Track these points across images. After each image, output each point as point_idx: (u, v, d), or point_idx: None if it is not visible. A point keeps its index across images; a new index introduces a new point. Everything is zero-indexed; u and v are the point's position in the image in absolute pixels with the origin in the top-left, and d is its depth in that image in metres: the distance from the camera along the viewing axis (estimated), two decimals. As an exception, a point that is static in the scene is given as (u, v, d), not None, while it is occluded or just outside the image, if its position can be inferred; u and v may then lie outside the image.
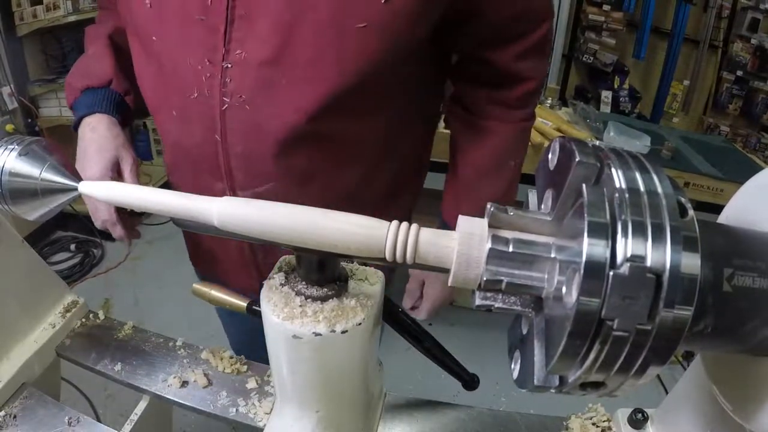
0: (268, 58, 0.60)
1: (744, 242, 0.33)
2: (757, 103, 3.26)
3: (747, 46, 3.15)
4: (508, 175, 0.80)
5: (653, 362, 0.25)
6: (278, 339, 0.43)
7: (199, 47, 0.61)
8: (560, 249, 0.28)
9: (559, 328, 0.26)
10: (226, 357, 0.71)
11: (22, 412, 0.63)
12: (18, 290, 0.68)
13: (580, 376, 0.26)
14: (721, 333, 0.30)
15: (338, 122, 0.66)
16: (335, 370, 0.46)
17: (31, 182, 0.44)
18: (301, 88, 0.61)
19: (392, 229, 0.34)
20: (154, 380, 0.68)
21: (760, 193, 0.39)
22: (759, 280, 0.30)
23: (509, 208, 0.30)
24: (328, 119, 0.64)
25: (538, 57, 0.74)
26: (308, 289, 0.43)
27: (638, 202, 0.25)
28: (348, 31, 0.58)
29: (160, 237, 2.47)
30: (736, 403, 0.37)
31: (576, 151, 0.27)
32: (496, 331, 2.02)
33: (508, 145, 0.79)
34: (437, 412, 0.67)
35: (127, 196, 0.41)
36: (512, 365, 0.33)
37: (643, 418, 0.59)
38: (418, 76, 0.74)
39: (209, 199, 0.38)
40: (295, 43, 0.59)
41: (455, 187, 0.82)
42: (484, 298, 0.31)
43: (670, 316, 0.24)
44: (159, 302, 2.08)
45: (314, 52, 0.59)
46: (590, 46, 3.18)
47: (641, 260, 0.24)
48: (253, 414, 0.64)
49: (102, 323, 0.76)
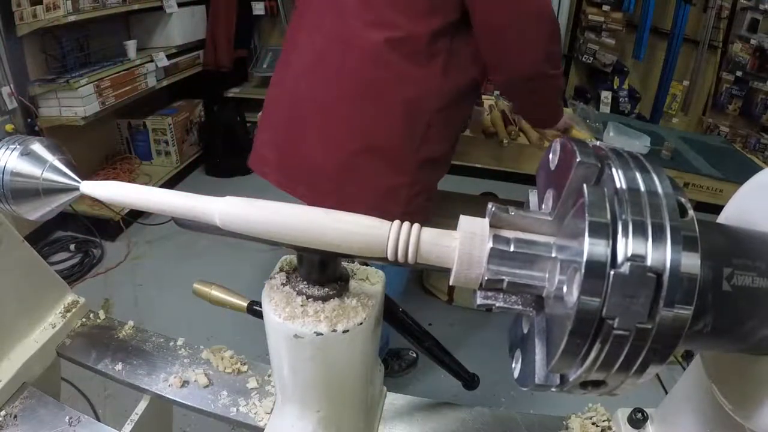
0: None
1: (743, 242, 0.33)
2: (757, 103, 3.26)
3: (746, 47, 3.15)
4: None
5: (653, 361, 0.25)
6: (279, 339, 0.44)
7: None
8: (561, 248, 0.29)
9: (560, 327, 0.26)
10: (227, 357, 0.71)
11: (23, 412, 0.63)
12: (18, 290, 0.68)
13: (580, 375, 0.26)
14: (720, 332, 0.31)
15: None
16: (336, 370, 0.47)
17: (33, 182, 0.44)
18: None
19: (394, 228, 0.34)
20: (154, 380, 0.68)
21: (760, 193, 0.39)
22: (758, 280, 0.30)
23: (510, 208, 0.31)
24: None
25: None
26: (309, 288, 0.43)
27: (638, 202, 0.25)
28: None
29: (160, 237, 2.47)
30: (736, 403, 0.37)
31: (576, 152, 0.28)
32: (496, 331, 2.02)
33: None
34: (437, 411, 0.67)
35: (129, 196, 0.41)
36: (513, 364, 0.33)
37: (642, 417, 0.59)
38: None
39: (211, 199, 0.38)
40: None
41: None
42: (485, 298, 0.31)
43: (670, 315, 0.24)
44: (159, 302, 2.08)
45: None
46: (590, 46, 3.18)
47: (642, 260, 0.24)
48: (254, 414, 0.64)
49: (102, 323, 0.76)
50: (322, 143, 1.12)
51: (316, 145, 1.12)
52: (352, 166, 1.11)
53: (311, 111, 1.12)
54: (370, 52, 1.04)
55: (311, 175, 1.15)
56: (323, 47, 1.10)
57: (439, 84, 1.08)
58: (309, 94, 1.12)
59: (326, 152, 1.12)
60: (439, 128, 1.13)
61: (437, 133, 1.13)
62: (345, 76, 1.08)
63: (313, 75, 1.12)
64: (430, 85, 1.08)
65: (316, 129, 1.12)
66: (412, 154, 1.12)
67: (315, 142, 1.12)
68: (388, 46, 1.03)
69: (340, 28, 1.07)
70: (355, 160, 1.11)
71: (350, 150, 1.10)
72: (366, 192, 1.13)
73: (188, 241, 2.38)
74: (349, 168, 1.11)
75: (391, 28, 1.03)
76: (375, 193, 1.13)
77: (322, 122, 1.11)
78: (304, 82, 1.13)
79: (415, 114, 1.09)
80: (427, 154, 1.14)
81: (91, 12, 2.28)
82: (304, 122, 1.13)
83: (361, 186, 1.13)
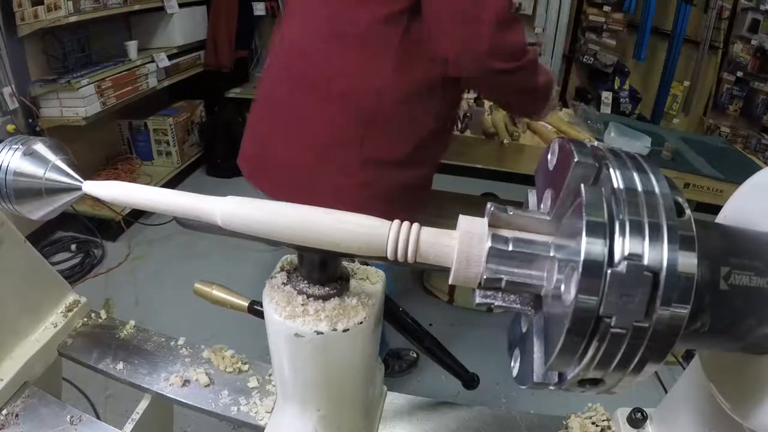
0: None
1: (741, 241, 0.33)
2: (758, 104, 3.26)
3: (747, 47, 3.15)
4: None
5: (651, 359, 0.26)
6: (280, 337, 0.44)
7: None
8: (559, 248, 0.29)
9: (557, 326, 0.26)
10: (228, 356, 0.71)
11: (24, 411, 0.63)
12: (20, 289, 0.68)
13: (578, 373, 0.26)
14: (718, 331, 0.31)
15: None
16: (337, 369, 0.47)
17: (36, 182, 0.44)
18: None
19: (394, 228, 0.34)
20: (155, 379, 0.68)
21: (758, 193, 0.39)
22: (756, 279, 0.31)
23: (509, 207, 0.31)
24: None
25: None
26: (310, 288, 0.44)
27: (636, 202, 0.26)
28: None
29: (161, 237, 2.48)
30: (735, 402, 0.37)
31: (574, 152, 0.28)
32: (496, 331, 2.02)
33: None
34: (438, 411, 0.67)
35: (131, 195, 0.41)
36: (512, 363, 0.33)
37: (642, 417, 0.60)
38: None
39: (213, 198, 0.39)
40: None
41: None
42: (484, 297, 0.31)
43: (666, 314, 0.24)
44: (159, 302, 2.08)
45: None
46: (591, 47, 3.18)
47: (638, 258, 0.24)
48: (255, 413, 0.65)
49: (104, 323, 0.77)
50: (282, 140, 1.12)
51: (277, 141, 1.13)
52: (303, 164, 1.09)
53: (274, 107, 1.13)
54: (317, 48, 1.03)
55: (275, 170, 1.14)
56: (285, 46, 1.11)
57: (390, 79, 1.00)
58: (273, 90, 1.14)
59: (285, 149, 1.11)
60: (392, 127, 1.05)
61: (389, 132, 1.05)
62: (295, 76, 1.08)
63: (276, 72, 1.13)
64: (374, 79, 1.01)
65: (278, 126, 1.12)
66: (355, 153, 1.05)
67: (276, 139, 1.13)
68: (333, 38, 1.00)
69: (301, 26, 1.07)
70: (305, 157, 1.09)
71: (300, 146, 1.09)
72: (318, 191, 1.09)
73: (189, 242, 2.38)
74: (301, 165, 1.09)
75: (339, 21, 1.00)
76: (323, 193, 1.08)
77: (282, 120, 1.11)
78: (271, 78, 1.16)
79: (355, 110, 1.03)
80: (374, 154, 1.06)
81: (92, 12, 2.28)
82: (270, 118, 1.15)
83: (313, 184, 1.09)
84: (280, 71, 1.13)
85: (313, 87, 1.05)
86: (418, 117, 1.07)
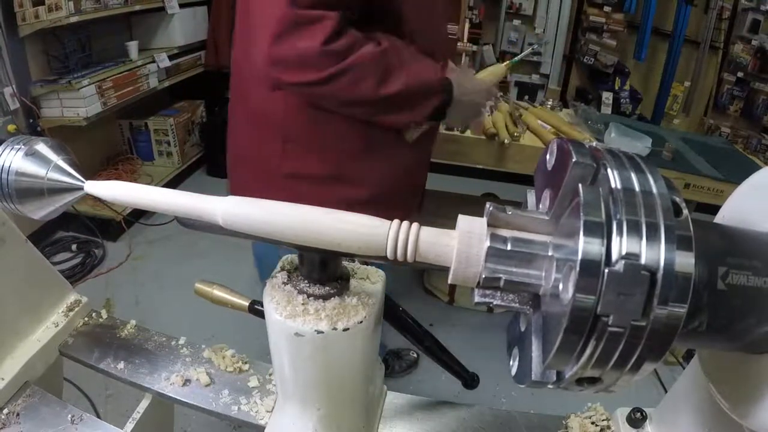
0: None
1: (739, 241, 0.33)
2: (758, 104, 3.26)
3: (748, 48, 3.15)
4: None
5: (648, 358, 0.26)
6: (280, 337, 0.44)
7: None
8: (557, 247, 0.29)
9: (555, 324, 0.26)
10: (228, 356, 0.71)
11: (26, 410, 0.63)
12: (21, 289, 0.68)
13: (576, 372, 0.26)
14: (716, 330, 0.31)
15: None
16: (337, 368, 0.47)
17: (38, 182, 0.44)
18: None
19: (393, 227, 0.34)
20: (156, 379, 0.68)
21: (756, 193, 0.39)
22: (754, 279, 0.31)
23: (508, 207, 0.31)
24: None
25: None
26: (310, 287, 0.44)
27: (633, 202, 0.26)
28: None
29: (161, 237, 2.48)
30: (734, 402, 0.37)
31: (573, 152, 0.28)
32: (496, 332, 2.02)
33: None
34: (437, 411, 0.67)
35: (133, 195, 0.42)
36: (511, 362, 0.33)
37: (641, 417, 0.60)
38: None
39: (214, 198, 0.39)
40: None
41: None
42: (483, 296, 0.31)
43: (664, 313, 0.25)
44: (160, 302, 2.09)
45: None
46: (591, 47, 3.18)
47: (636, 258, 0.24)
48: (255, 412, 0.65)
49: (105, 322, 0.77)
50: (230, 138, 1.14)
51: (228, 139, 1.16)
52: (236, 175, 1.14)
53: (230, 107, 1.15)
54: (243, 59, 1.02)
55: (230, 169, 1.18)
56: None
57: (292, 95, 0.93)
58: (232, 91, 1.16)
59: (230, 153, 1.15)
60: (308, 141, 0.98)
61: (304, 148, 0.99)
62: (235, 91, 1.10)
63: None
64: (275, 95, 0.95)
65: (229, 126, 1.15)
66: (274, 167, 1.01)
67: (229, 136, 1.16)
68: (243, 54, 0.99)
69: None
70: (236, 167, 1.13)
71: (233, 156, 1.13)
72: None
73: (189, 242, 2.38)
74: (236, 176, 1.14)
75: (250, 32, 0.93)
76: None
77: (231, 121, 1.13)
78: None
79: (264, 125, 1.00)
80: (292, 170, 1.00)
81: (92, 13, 2.28)
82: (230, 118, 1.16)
83: (245, 192, 1.10)
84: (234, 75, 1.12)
85: (236, 101, 1.08)
86: (335, 132, 0.98)
